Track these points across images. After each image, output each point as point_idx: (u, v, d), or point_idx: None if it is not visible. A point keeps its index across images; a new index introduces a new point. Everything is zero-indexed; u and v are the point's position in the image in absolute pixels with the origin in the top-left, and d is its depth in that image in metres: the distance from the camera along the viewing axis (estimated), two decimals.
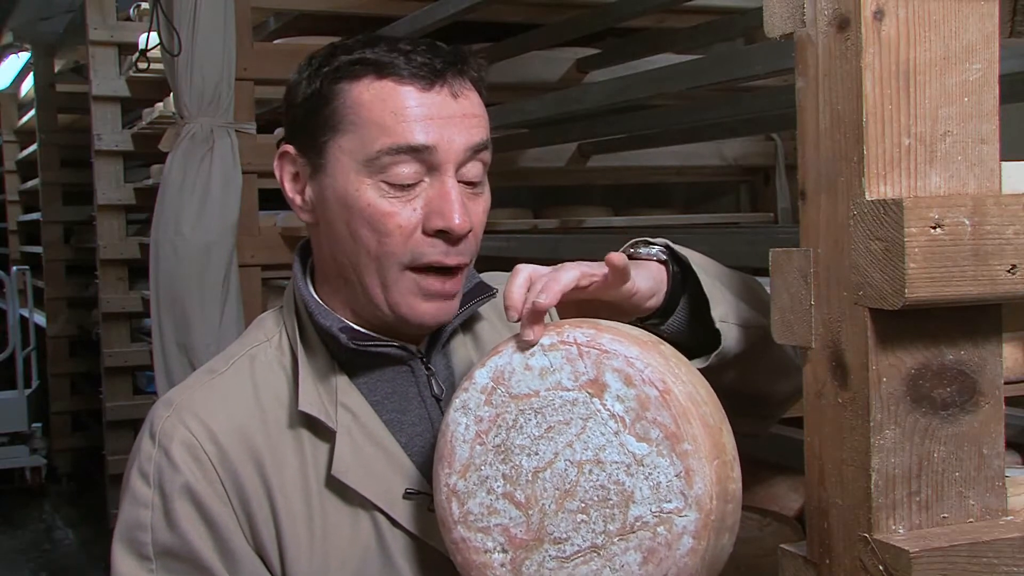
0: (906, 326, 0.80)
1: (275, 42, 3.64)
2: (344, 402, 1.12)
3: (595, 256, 1.04)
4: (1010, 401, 0.87)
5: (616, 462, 0.94)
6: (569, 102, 2.36)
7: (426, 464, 1.11)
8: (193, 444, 1.08)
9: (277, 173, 1.17)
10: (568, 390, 0.96)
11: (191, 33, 3.12)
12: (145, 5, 4.33)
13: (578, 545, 0.95)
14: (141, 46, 3.84)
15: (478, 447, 0.99)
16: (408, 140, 1.07)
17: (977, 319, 0.82)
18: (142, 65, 4.12)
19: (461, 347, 1.22)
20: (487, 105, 1.16)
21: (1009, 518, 0.83)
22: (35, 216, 7.13)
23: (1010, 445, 2.05)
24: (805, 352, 0.85)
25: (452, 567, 1.03)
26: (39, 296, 6.91)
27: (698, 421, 0.93)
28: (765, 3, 0.87)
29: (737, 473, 0.95)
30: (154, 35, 3.21)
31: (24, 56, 6.87)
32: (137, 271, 4.91)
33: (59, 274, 6.71)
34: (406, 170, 1.07)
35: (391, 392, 1.16)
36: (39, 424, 6.52)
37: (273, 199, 3.56)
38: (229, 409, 1.11)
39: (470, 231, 1.10)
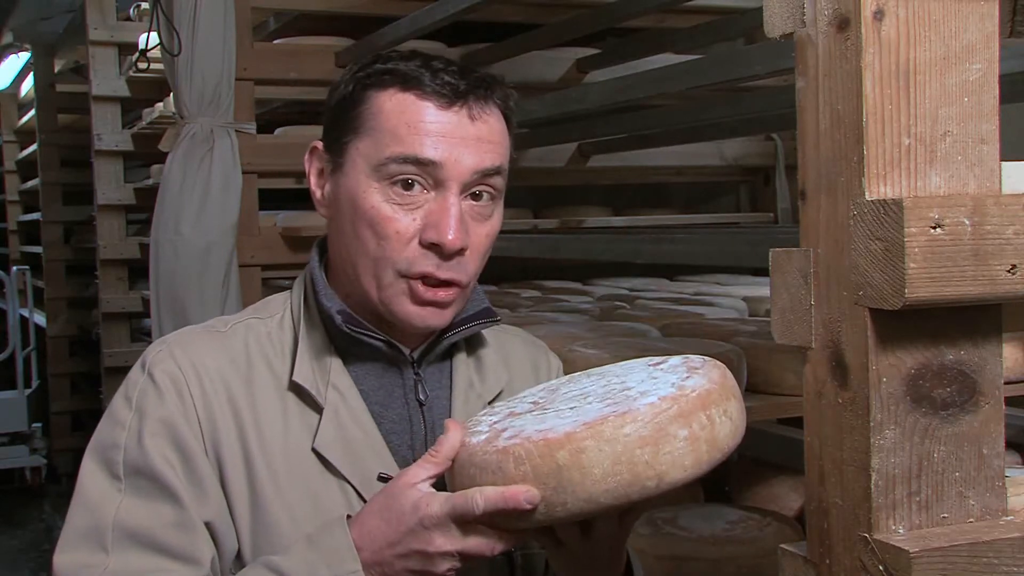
0: (906, 326, 0.80)
1: (275, 42, 3.64)
2: (335, 383, 1.17)
3: (595, 256, 1.06)
4: (1010, 401, 0.87)
5: (638, 379, 1.00)
6: (569, 102, 2.36)
7: (402, 460, 1.16)
8: (178, 378, 1.14)
9: (306, 167, 1.22)
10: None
11: (191, 33, 3.11)
12: (145, 5, 4.33)
13: (558, 408, 1.00)
14: (141, 46, 3.84)
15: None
16: (416, 152, 1.11)
17: (977, 319, 0.82)
18: (142, 65, 4.11)
19: (464, 366, 1.26)
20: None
21: (1009, 518, 0.83)
22: (35, 216, 7.13)
23: (1010, 445, 2.05)
24: (805, 352, 0.86)
25: None
26: (39, 296, 6.90)
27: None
28: (765, 3, 0.87)
29: (733, 411, 0.98)
30: (154, 35, 3.21)
31: (24, 56, 6.87)
32: (137, 271, 4.91)
33: (59, 274, 6.71)
34: (411, 180, 1.12)
35: (378, 387, 1.20)
36: (39, 424, 6.51)
37: (273, 199, 3.56)
38: (218, 361, 1.17)
39: (464, 249, 1.13)
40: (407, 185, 1.12)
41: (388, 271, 1.13)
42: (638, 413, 0.93)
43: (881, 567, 0.79)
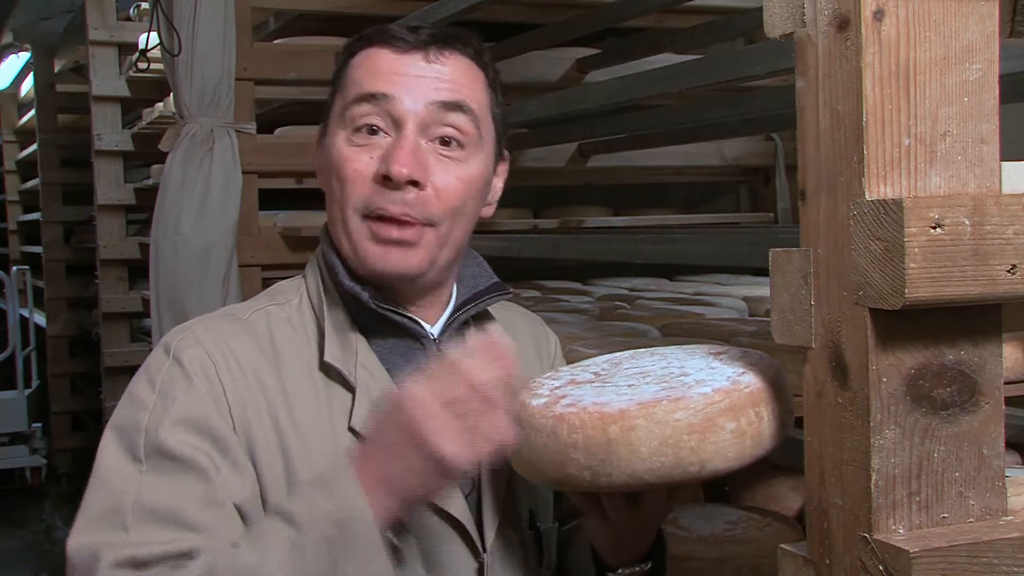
0: (906, 326, 0.80)
1: (275, 42, 3.63)
2: (362, 362, 1.17)
3: (595, 256, 1.07)
4: (1010, 401, 0.87)
5: (696, 366, 1.02)
6: (569, 102, 2.36)
7: None
8: (206, 362, 1.12)
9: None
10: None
11: (191, 33, 3.12)
12: (145, 5, 4.33)
13: (617, 383, 1.02)
14: (141, 46, 3.84)
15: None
16: (369, 88, 1.15)
17: (977, 319, 0.82)
18: (142, 65, 4.11)
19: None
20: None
21: (1009, 518, 0.83)
22: (35, 216, 7.13)
23: (1010, 445, 2.05)
24: (805, 352, 0.86)
25: (449, 527, 1.13)
26: (39, 296, 6.90)
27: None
28: (765, 3, 0.87)
29: (782, 411, 1.01)
30: (154, 35, 3.21)
31: (24, 56, 6.87)
32: (137, 271, 4.91)
33: (59, 274, 6.71)
34: (369, 120, 1.15)
35: (403, 365, 1.20)
36: (39, 424, 6.51)
37: (273, 199, 3.56)
38: (245, 347, 1.15)
39: (418, 184, 1.14)
40: (371, 131, 1.15)
41: (352, 215, 1.15)
42: (691, 401, 0.96)
43: (881, 567, 0.79)
